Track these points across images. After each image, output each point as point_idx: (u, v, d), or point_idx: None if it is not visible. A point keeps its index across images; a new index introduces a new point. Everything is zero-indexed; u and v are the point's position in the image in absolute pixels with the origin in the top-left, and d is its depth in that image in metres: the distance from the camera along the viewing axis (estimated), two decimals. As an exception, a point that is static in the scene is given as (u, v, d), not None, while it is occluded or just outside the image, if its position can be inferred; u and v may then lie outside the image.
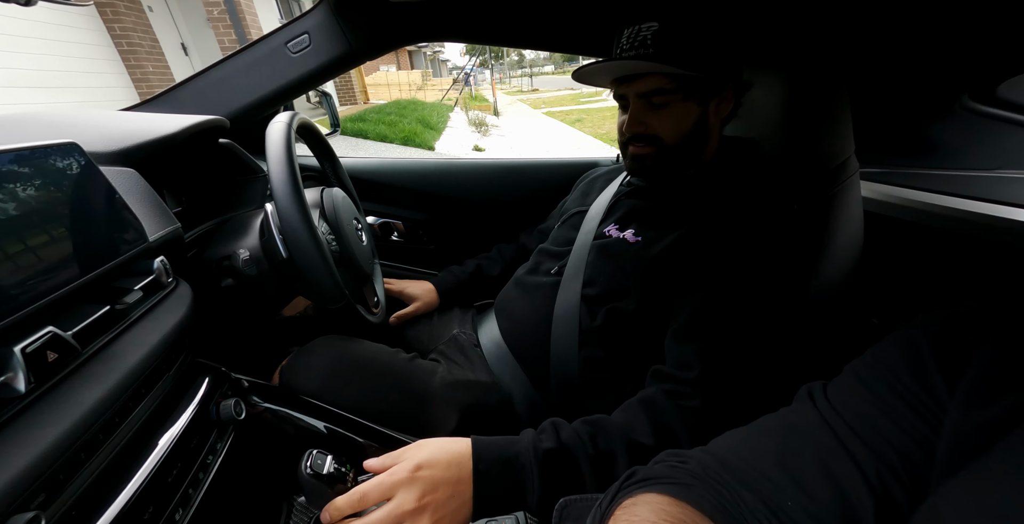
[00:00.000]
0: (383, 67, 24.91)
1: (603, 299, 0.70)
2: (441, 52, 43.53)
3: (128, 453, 0.41)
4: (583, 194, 0.91)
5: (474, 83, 22.52)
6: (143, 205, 0.54)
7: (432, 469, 0.45)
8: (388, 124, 6.87)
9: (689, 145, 0.67)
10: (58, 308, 0.41)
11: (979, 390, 0.26)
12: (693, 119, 0.65)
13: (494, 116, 11.88)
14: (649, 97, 0.65)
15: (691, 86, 0.63)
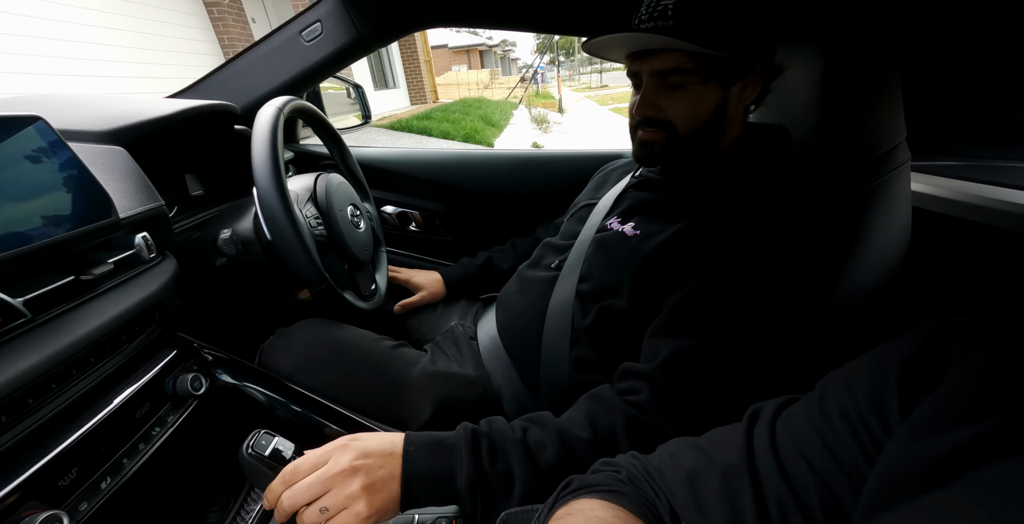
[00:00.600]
0: (455, 67, 25.69)
1: (596, 296, 0.64)
2: (512, 51, 44.00)
3: (63, 418, 0.42)
4: (597, 186, 0.85)
5: (541, 80, 22.48)
6: (125, 182, 0.56)
7: (366, 441, 0.44)
8: (452, 122, 7.07)
9: (704, 134, 0.59)
10: (18, 275, 0.42)
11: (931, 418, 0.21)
12: (712, 104, 0.57)
13: (558, 113, 11.76)
14: (664, 76, 0.57)
15: (713, 67, 0.54)
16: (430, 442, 0.45)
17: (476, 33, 31.54)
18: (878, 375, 0.26)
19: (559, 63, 21.24)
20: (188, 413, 0.53)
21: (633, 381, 0.53)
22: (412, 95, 10.72)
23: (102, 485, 0.42)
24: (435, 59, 15.37)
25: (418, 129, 6.57)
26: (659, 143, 0.61)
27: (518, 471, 0.44)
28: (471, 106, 9.66)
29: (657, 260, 0.57)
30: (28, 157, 0.43)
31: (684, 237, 0.56)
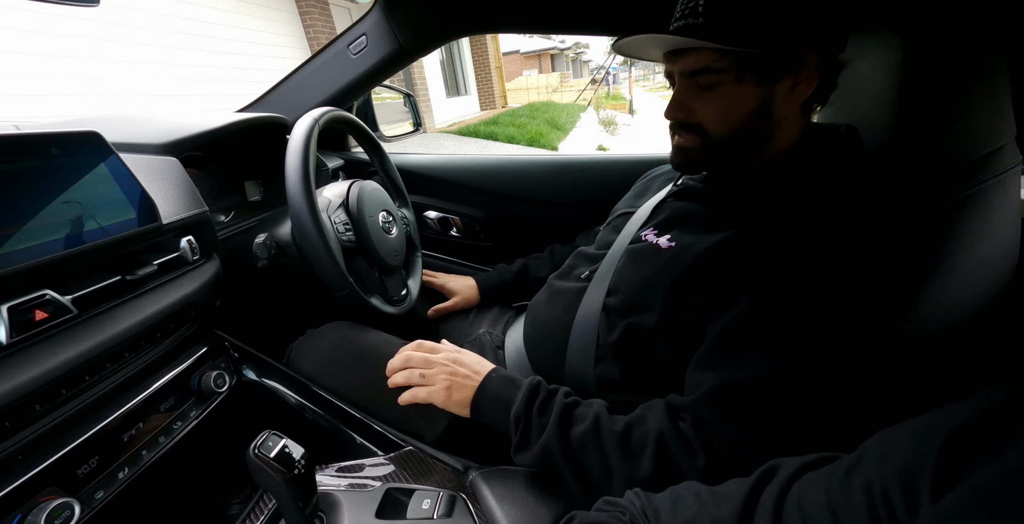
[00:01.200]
0: (525, 72, 25.97)
1: (624, 311, 0.59)
2: (584, 53, 43.54)
3: (92, 409, 0.46)
4: (637, 194, 0.80)
5: (612, 81, 21.97)
6: (174, 190, 0.61)
7: (468, 357, 0.61)
8: (517, 127, 7.14)
9: (743, 137, 0.53)
10: (67, 273, 0.47)
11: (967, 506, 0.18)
12: (750, 105, 0.51)
13: (628, 114, 11.40)
14: (695, 76, 0.52)
15: (748, 63, 0.48)
16: (506, 377, 0.57)
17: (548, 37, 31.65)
18: (918, 444, 0.22)
19: (632, 63, 20.64)
20: (211, 409, 0.56)
21: (682, 407, 0.50)
22: (482, 101, 11.00)
23: (119, 475, 0.45)
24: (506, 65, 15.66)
25: (485, 134, 6.72)
26: (694, 149, 0.56)
27: (550, 428, 0.50)
28: (538, 110, 9.69)
29: (693, 276, 0.51)
30: (84, 167, 0.48)
31: (727, 251, 0.50)
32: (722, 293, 0.49)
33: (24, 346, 0.41)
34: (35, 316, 0.42)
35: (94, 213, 0.48)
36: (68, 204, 0.46)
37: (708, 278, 0.50)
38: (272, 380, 0.63)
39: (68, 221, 0.45)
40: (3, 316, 0.39)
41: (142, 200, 0.53)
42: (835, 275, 0.45)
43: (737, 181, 0.57)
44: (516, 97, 15.10)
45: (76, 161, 0.48)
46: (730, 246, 0.50)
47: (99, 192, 0.49)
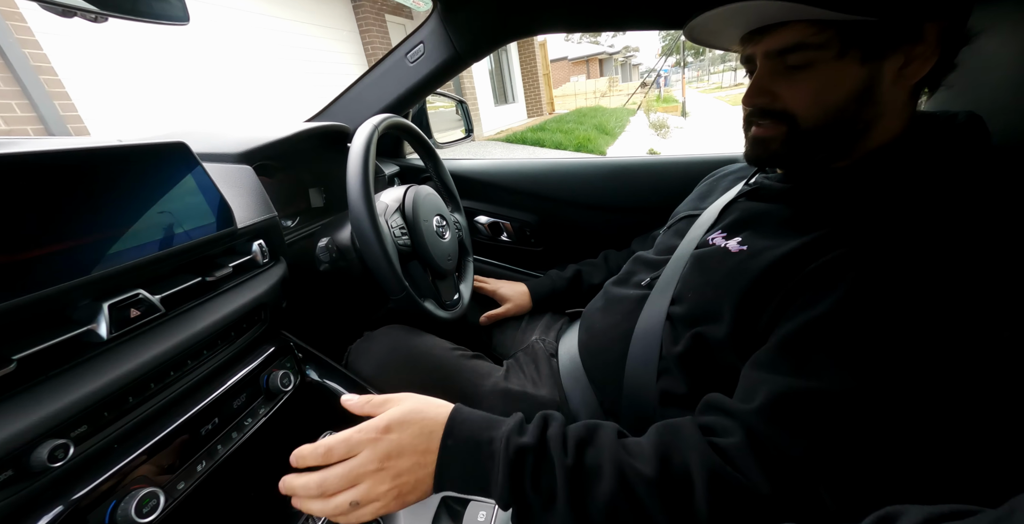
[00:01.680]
0: (573, 78, 25.93)
1: (690, 320, 0.54)
2: (634, 56, 42.83)
3: (173, 404, 0.49)
4: (702, 195, 0.75)
5: (664, 84, 21.39)
6: (247, 196, 0.64)
7: (401, 433, 0.41)
8: (565, 132, 7.11)
9: (840, 125, 0.46)
10: (155, 274, 0.51)
11: None
12: (852, 86, 0.44)
13: (681, 117, 11.03)
14: (784, 56, 0.46)
15: (854, 36, 0.42)
16: (470, 440, 0.41)
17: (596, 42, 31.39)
18: None
19: (685, 64, 20.01)
20: (278, 407, 0.58)
21: (722, 418, 0.42)
22: (529, 108, 11.08)
23: (198, 468, 0.47)
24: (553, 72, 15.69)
25: (532, 141, 6.75)
26: (775, 139, 0.50)
27: (561, 502, 0.38)
28: (585, 115, 9.61)
29: (768, 281, 0.46)
30: (171, 175, 0.52)
31: (810, 253, 0.44)
32: (799, 296, 0.43)
33: (121, 342, 0.44)
34: (130, 314, 0.45)
35: (181, 218, 0.51)
36: (159, 209, 0.49)
37: (785, 283, 0.44)
38: (332, 381, 0.65)
39: (159, 225, 0.49)
40: (104, 313, 0.42)
41: (221, 206, 0.57)
42: (946, 286, 0.38)
43: (824, 179, 0.50)
44: (563, 103, 15.07)
45: (166, 170, 0.51)
46: (814, 248, 0.44)
47: (185, 198, 0.52)
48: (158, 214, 0.49)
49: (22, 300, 0.35)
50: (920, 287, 0.38)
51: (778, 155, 0.51)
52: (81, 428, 0.39)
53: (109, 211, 0.44)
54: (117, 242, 0.44)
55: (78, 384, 0.38)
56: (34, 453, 0.35)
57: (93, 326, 0.42)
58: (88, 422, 0.40)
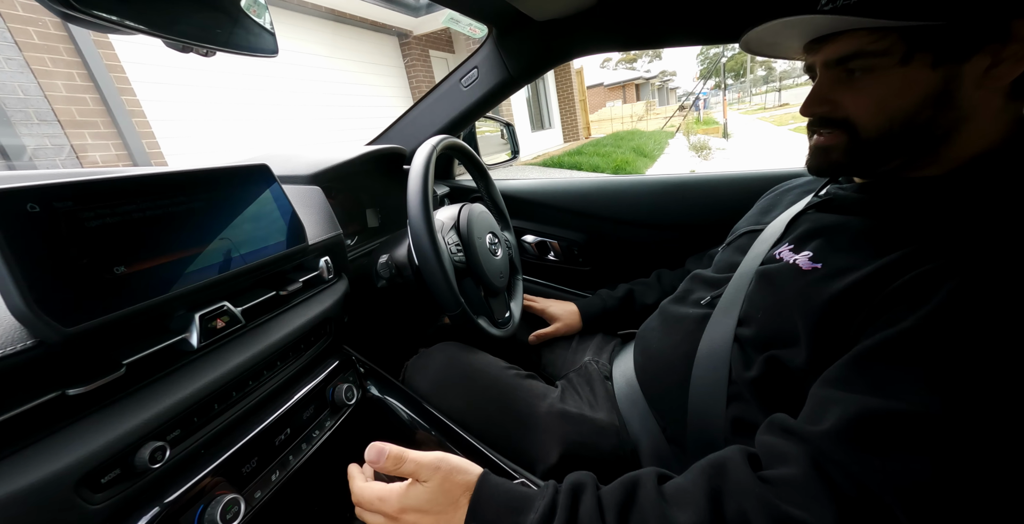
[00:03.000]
0: (609, 103, 26.23)
1: (762, 344, 0.51)
2: (671, 80, 42.94)
3: (251, 413, 0.50)
4: (764, 210, 0.72)
5: (703, 107, 21.22)
6: (316, 215, 0.68)
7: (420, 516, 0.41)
8: (602, 156, 7.15)
9: (907, 133, 0.44)
10: (237, 288, 0.54)
11: None
12: (920, 92, 0.42)
13: (722, 138, 10.84)
14: (844, 63, 0.45)
15: (920, 39, 0.40)
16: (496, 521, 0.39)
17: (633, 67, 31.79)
18: None
19: (726, 86, 19.83)
20: (342, 420, 0.59)
21: (783, 441, 0.38)
22: (565, 133, 11.26)
23: (272, 477, 0.48)
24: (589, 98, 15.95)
25: (569, 164, 6.82)
26: (836, 148, 0.48)
27: None
28: (623, 139, 9.63)
29: (848, 302, 0.42)
30: (254, 195, 0.56)
31: (897, 269, 0.40)
32: (883, 313, 0.39)
33: (208, 350, 0.46)
34: (216, 324, 0.48)
35: (262, 234, 0.55)
36: (244, 226, 0.53)
37: (868, 301, 0.41)
38: (390, 396, 0.65)
39: (244, 241, 0.52)
40: (196, 323, 0.45)
41: (296, 224, 0.60)
42: None
43: (908, 189, 0.47)
44: (599, 127, 15.22)
45: (251, 190, 0.55)
46: (902, 264, 0.40)
47: (266, 216, 0.56)
48: (243, 230, 0.52)
49: (137, 308, 0.38)
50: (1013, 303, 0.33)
51: (840, 164, 0.49)
52: (175, 432, 0.41)
53: (204, 227, 0.48)
54: (209, 256, 0.47)
55: (174, 389, 0.41)
56: (138, 453, 0.37)
57: (186, 335, 0.45)
58: (181, 426, 0.42)
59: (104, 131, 3.12)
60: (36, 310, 0.32)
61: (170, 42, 0.36)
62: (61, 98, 2.90)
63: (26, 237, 0.32)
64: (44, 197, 0.34)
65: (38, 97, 2.80)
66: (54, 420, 0.34)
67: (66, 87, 2.93)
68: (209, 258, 0.47)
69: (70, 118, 2.94)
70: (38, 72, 2.79)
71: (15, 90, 2.71)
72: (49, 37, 2.85)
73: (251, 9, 0.46)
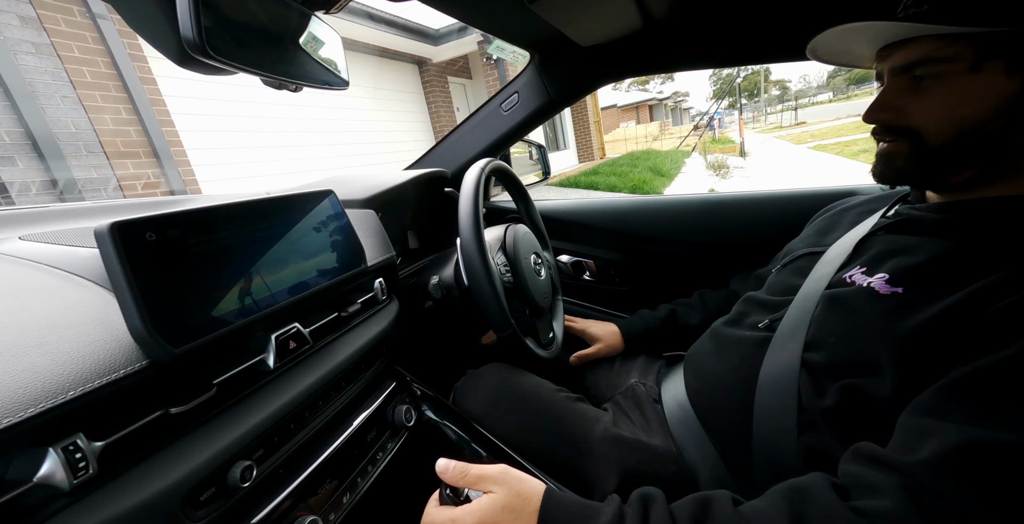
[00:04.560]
0: (623, 124, 26.54)
1: (835, 371, 0.49)
2: (684, 101, 43.37)
3: (321, 433, 0.51)
4: (820, 232, 0.71)
5: (718, 126, 21.30)
6: (372, 237, 0.71)
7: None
8: (619, 175, 7.19)
9: (977, 142, 0.44)
10: (304, 309, 0.56)
11: None
12: (991, 99, 0.42)
13: (739, 157, 10.82)
14: (911, 70, 0.45)
15: (992, 47, 0.41)
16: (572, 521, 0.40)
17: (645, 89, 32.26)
18: None
19: (741, 106, 19.91)
20: (402, 442, 0.59)
21: (872, 472, 0.37)
22: (580, 154, 11.39)
23: (344, 499, 0.49)
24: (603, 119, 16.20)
25: (585, 184, 6.88)
26: (900, 155, 0.48)
27: None
28: (638, 159, 9.70)
29: (939, 331, 0.41)
30: (322, 220, 0.58)
31: (991, 295, 0.39)
32: (979, 339, 0.38)
33: (283, 371, 0.48)
34: (289, 345, 0.49)
35: (329, 258, 0.57)
36: (313, 250, 0.55)
37: (960, 329, 0.40)
38: (446, 420, 0.66)
39: (314, 264, 0.54)
40: (272, 344, 0.47)
41: (357, 246, 0.62)
42: None
43: (991, 209, 0.46)
44: (614, 148, 15.38)
45: (319, 215, 0.58)
46: (997, 289, 0.39)
47: (331, 239, 0.59)
48: (313, 253, 0.55)
49: (231, 328, 0.40)
50: None
51: (904, 172, 0.49)
52: (259, 451, 0.42)
53: (281, 250, 0.50)
54: (287, 278, 0.49)
55: (257, 409, 0.42)
56: (230, 472, 0.38)
57: (264, 356, 0.46)
58: (264, 446, 0.43)
59: (144, 160, 3.30)
60: (152, 331, 0.34)
61: (268, 80, 0.39)
62: (108, 131, 3.09)
63: (145, 263, 0.35)
64: (160, 226, 0.36)
65: (88, 130, 3.00)
66: (158, 439, 0.36)
67: (113, 120, 3.13)
68: (286, 280, 0.49)
69: (115, 149, 3.13)
70: (89, 108, 2.99)
71: (68, 124, 2.91)
72: (101, 76, 3.07)
73: (331, 50, 0.50)
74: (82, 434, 0.31)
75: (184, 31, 0.30)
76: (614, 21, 0.78)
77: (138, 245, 0.35)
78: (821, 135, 13.26)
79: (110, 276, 0.34)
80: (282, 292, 0.49)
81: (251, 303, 0.44)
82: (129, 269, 0.33)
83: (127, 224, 0.34)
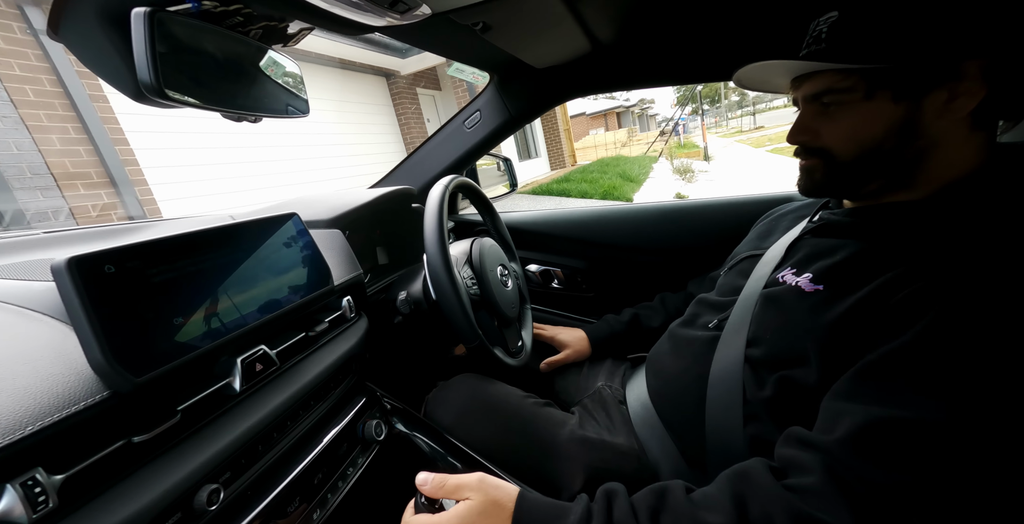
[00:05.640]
0: (592, 131, 27.09)
1: (772, 364, 0.54)
2: (650, 108, 44.67)
3: (290, 452, 0.52)
4: (761, 236, 0.76)
5: (683, 131, 22.04)
6: (338, 257, 0.72)
7: None
8: (589, 182, 7.34)
9: (877, 158, 0.50)
10: (271, 331, 0.57)
11: None
12: (883, 123, 0.48)
13: (704, 161, 11.22)
14: (819, 98, 0.52)
15: (879, 79, 0.47)
16: None
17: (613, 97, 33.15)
18: None
19: (703, 112, 20.68)
20: (372, 457, 0.60)
21: (800, 451, 0.42)
22: (551, 162, 11.58)
23: (314, 516, 0.49)
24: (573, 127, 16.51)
25: (557, 191, 7.00)
26: (817, 170, 0.54)
27: None
28: (608, 165, 9.93)
29: (851, 323, 0.46)
30: (285, 243, 0.59)
31: (891, 289, 0.44)
32: (883, 328, 0.43)
33: (249, 393, 0.48)
34: (256, 367, 0.50)
35: (295, 279, 0.58)
36: (278, 271, 0.56)
37: (868, 320, 0.45)
38: (417, 432, 0.67)
39: (279, 286, 0.55)
40: (238, 367, 0.47)
41: (323, 267, 0.63)
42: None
43: (893, 213, 0.52)
44: (584, 155, 15.70)
45: (283, 237, 0.59)
46: (895, 283, 0.44)
47: (296, 261, 0.60)
48: (278, 276, 0.56)
49: (195, 355, 0.41)
50: (1007, 320, 0.37)
51: (822, 184, 0.55)
52: (226, 474, 0.43)
53: (246, 275, 0.51)
54: (251, 302, 0.50)
55: (224, 432, 0.43)
56: (196, 496, 0.38)
57: (230, 379, 0.47)
58: (231, 469, 0.44)
59: (97, 181, 3.17)
60: (112, 362, 0.35)
61: (227, 114, 0.41)
62: (55, 152, 2.96)
63: (104, 296, 0.36)
64: (119, 258, 0.37)
65: (32, 151, 2.85)
66: (121, 468, 0.36)
67: (60, 141, 2.99)
68: (251, 304, 0.50)
69: (63, 170, 2.99)
70: (33, 128, 2.85)
71: (9, 146, 2.76)
72: (46, 94, 2.94)
73: (290, 80, 0.52)
74: (41, 468, 0.31)
75: (141, 75, 0.31)
76: (564, 46, 0.83)
77: (96, 279, 0.35)
78: (778, 138, 13.94)
79: (68, 310, 0.34)
80: (247, 316, 0.49)
81: (215, 329, 0.45)
82: (88, 303, 0.34)
83: (84, 259, 0.35)
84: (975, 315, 0.39)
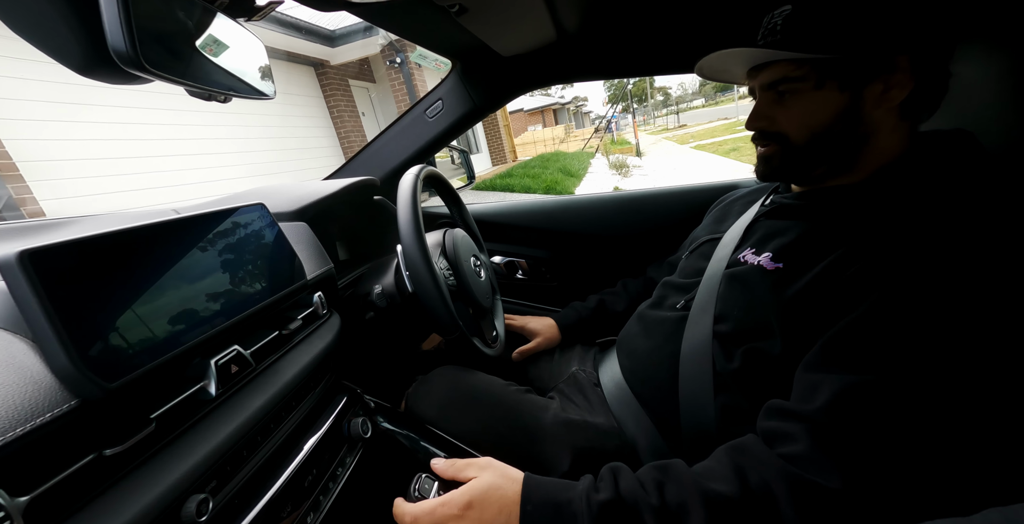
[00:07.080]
0: (530, 127, 27.44)
1: (739, 337, 0.59)
2: (584, 105, 46.02)
3: (277, 456, 0.49)
4: (716, 220, 0.82)
5: (615, 128, 23.00)
6: (307, 250, 0.67)
7: (482, 511, 0.46)
8: (532, 177, 7.44)
9: (827, 142, 0.55)
10: (243, 330, 0.52)
11: None
12: (832, 110, 0.53)
13: (636, 157, 11.80)
14: (775, 87, 0.56)
15: (828, 70, 0.52)
16: (548, 503, 0.45)
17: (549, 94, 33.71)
18: None
19: (633, 110, 21.69)
20: (360, 455, 0.58)
21: (785, 423, 0.46)
22: (493, 157, 11.59)
23: (308, 519, 0.47)
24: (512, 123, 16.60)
25: (501, 187, 7.02)
26: (775, 156, 0.59)
27: None
28: (549, 160, 10.12)
29: (809, 301, 0.51)
30: (255, 235, 0.55)
31: (840, 266, 0.50)
32: (838, 303, 0.48)
33: (226, 397, 0.45)
34: (231, 369, 0.46)
35: (265, 274, 0.54)
36: (247, 267, 0.52)
37: (824, 294, 0.50)
38: (401, 428, 0.65)
39: (250, 283, 0.51)
40: (213, 370, 0.43)
41: (295, 261, 0.60)
42: (958, 285, 0.42)
43: (836, 196, 0.58)
44: (524, 150, 15.88)
45: (250, 229, 0.55)
46: (843, 261, 0.50)
47: (266, 255, 0.55)
48: (248, 271, 0.52)
49: (166, 358, 0.37)
50: (937, 288, 0.43)
51: (779, 169, 0.60)
52: (213, 483, 0.39)
53: (214, 271, 0.47)
54: (221, 300, 0.46)
55: (204, 440, 0.39)
56: (184, 507, 0.35)
57: (205, 383, 0.43)
58: (217, 477, 0.40)
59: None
60: (82, 367, 0.30)
61: (197, 91, 0.37)
62: None
63: (65, 294, 0.31)
64: (77, 252, 0.33)
65: None
66: (93, 484, 0.32)
67: None
68: (223, 301, 0.46)
69: None
70: None
71: None
72: None
73: (260, 62, 0.48)
74: (3, 491, 0.27)
75: (114, 43, 0.27)
76: (533, 34, 0.83)
77: (54, 275, 0.31)
78: (700, 136, 15.01)
79: (24, 312, 0.30)
80: (219, 314, 0.45)
81: (187, 328, 0.41)
82: (47, 302, 0.30)
83: (38, 252, 0.30)
84: (910, 290, 0.44)
